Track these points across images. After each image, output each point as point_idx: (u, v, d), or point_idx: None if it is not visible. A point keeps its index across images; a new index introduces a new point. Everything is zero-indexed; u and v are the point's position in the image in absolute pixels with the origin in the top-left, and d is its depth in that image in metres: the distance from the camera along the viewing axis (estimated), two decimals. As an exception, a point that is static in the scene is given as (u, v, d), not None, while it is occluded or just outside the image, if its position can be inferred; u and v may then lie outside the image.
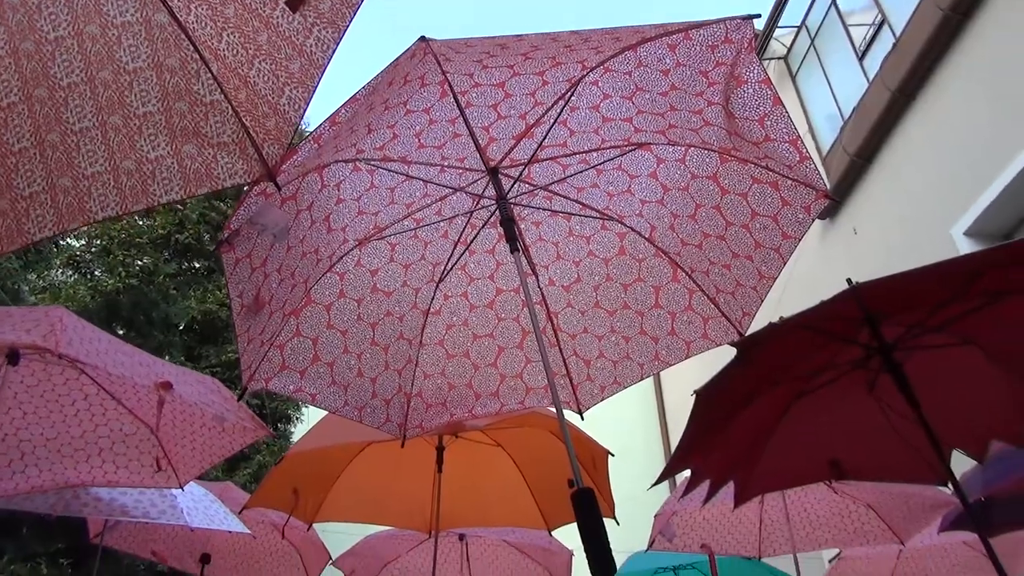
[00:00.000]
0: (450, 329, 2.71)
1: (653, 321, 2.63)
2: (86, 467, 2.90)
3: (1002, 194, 5.67)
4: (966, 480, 3.79)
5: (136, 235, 9.49)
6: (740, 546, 4.26)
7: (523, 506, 3.70)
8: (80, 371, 2.79)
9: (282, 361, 2.34)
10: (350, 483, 3.62)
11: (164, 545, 4.42)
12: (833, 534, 4.11)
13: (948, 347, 2.67)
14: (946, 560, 4.71)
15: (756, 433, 2.93)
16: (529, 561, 4.61)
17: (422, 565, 4.68)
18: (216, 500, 3.41)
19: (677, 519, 4.09)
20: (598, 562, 1.68)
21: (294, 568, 4.55)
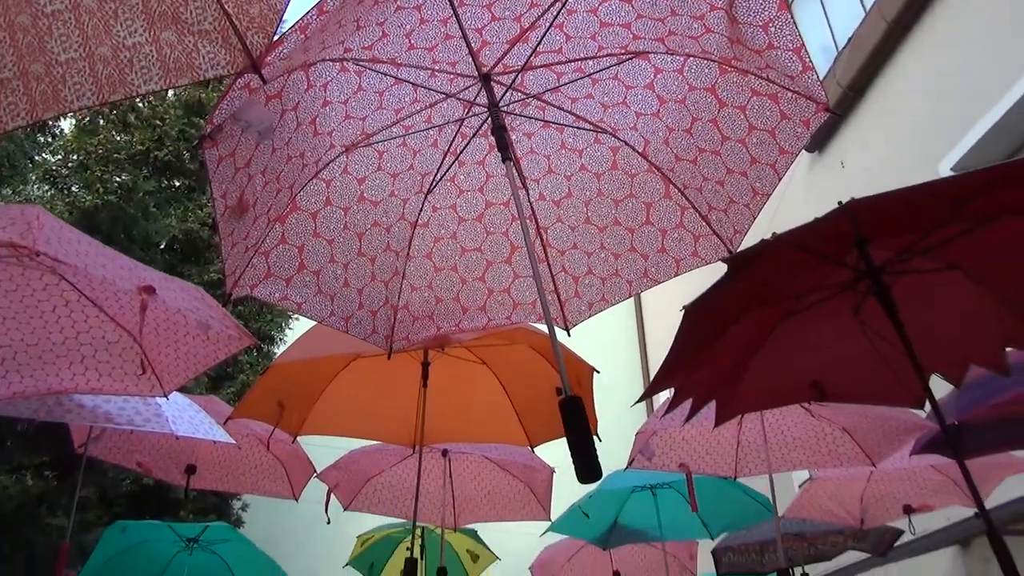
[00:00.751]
0: (438, 242, 2.68)
1: (643, 238, 2.61)
2: (68, 374, 2.87)
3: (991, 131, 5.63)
4: (941, 405, 3.88)
5: (114, 151, 9.24)
6: (717, 466, 4.37)
7: (506, 423, 3.74)
8: (60, 277, 2.74)
9: (267, 268, 2.30)
10: (335, 397, 3.64)
11: (149, 456, 4.45)
12: (808, 456, 4.22)
13: (934, 272, 2.68)
14: (914, 483, 4.88)
15: (740, 353, 2.95)
16: (511, 478, 4.71)
17: (405, 479, 4.77)
18: (201, 411, 3.42)
19: (657, 439, 4.17)
20: (585, 468, 1.70)
21: (279, 481, 4.62)
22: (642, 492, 4.99)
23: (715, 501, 4.79)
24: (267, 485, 4.66)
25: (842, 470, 4.66)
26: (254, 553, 5.32)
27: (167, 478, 4.53)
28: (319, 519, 10.79)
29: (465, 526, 4.99)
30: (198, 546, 5.29)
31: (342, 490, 4.63)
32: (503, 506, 4.77)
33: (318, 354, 3.22)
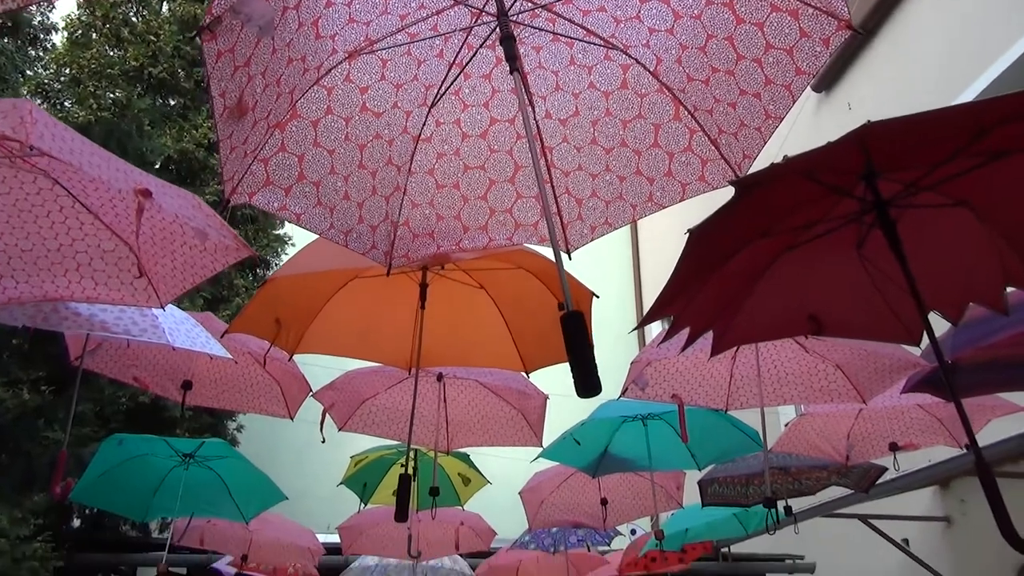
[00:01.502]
0: (441, 158, 2.62)
1: (650, 161, 2.56)
2: (64, 281, 2.85)
3: (1004, 74, 5.51)
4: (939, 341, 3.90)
5: (107, 66, 9.02)
6: (709, 399, 4.42)
7: (502, 348, 3.75)
8: (54, 181, 2.68)
9: (266, 176, 2.25)
10: (333, 317, 3.63)
11: (146, 371, 4.47)
12: (799, 391, 4.27)
13: (941, 207, 2.65)
14: (901, 421, 4.96)
15: (740, 284, 2.94)
16: (504, 404, 4.76)
17: (400, 403, 4.82)
18: (198, 324, 3.41)
19: (651, 369, 4.20)
20: (585, 382, 1.70)
21: (274, 400, 4.66)
22: (633, 422, 5.06)
23: (704, 433, 4.86)
24: (263, 404, 4.69)
25: (831, 407, 4.72)
26: (250, 470, 5.40)
27: (163, 393, 4.55)
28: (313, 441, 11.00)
29: (458, 450, 5.06)
30: (194, 461, 5.37)
31: (337, 411, 4.68)
32: (496, 431, 4.84)
33: (316, 269, 3.20)
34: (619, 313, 13.39)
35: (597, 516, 5.95)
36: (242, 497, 5.49)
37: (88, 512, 9.16)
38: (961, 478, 7.81)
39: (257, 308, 3.26)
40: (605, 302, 3.39)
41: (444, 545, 6.27)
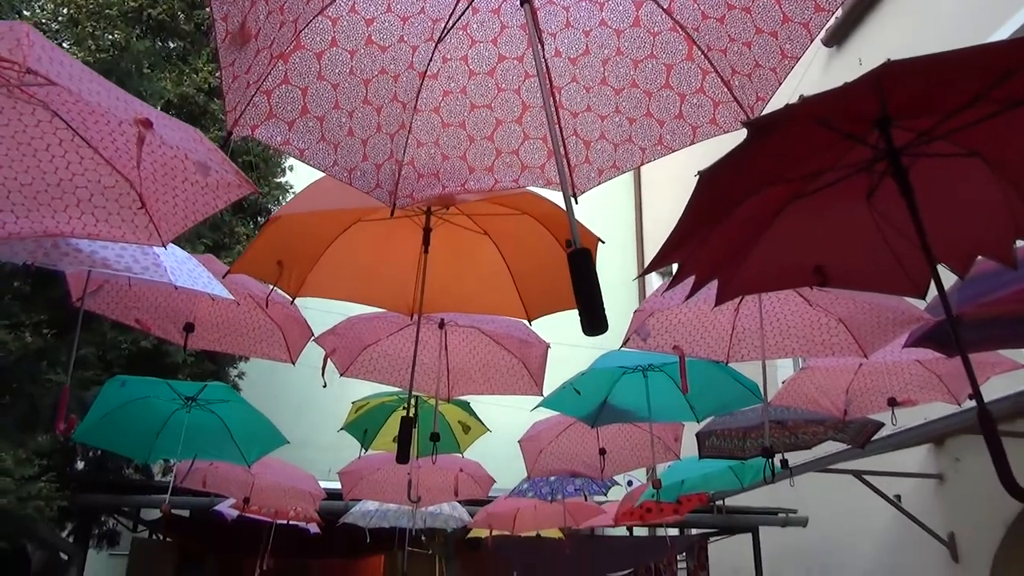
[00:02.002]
0: (447, 96, 2.57)
1: (661, 102, 2.50)
2: (64, 217, 2.82)
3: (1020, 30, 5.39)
4: (939, 300, 3.89)
5: (105, 6, 8.83)
6: (710, 350, 4.42)
7: (505, 295, 3.74)
8: (53, 114, 2.63)
9: (269, 109, 2.20)
10: (335, 260, 3.61)
11: (147, 314, 4.46)
12: (801, 344, 4.27)
13: (954, 157, 2.61)
14: (900, 377, 4.97)
15: (746, 232, 2.91)
16: (505, 353, 4.77)
17: (402, 350, 4.83)
18: (200, 265, 3.40)
19: (653, 320, 4.20)
20: (591, 320, 1.68)
21: (276, 344, 4.67)
22: (633, 374, 5.08)
23: (704, 385, 4.88)
24: (264, 348, 4.70)
25: (831, 361, 4.73)
26: (252, 414, 5.45)
27: (165, 336, 4.55)
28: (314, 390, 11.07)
29: (458, 398, 5.09)
30: (196, 405, 5.41)
31: (339, 356, 4.69)
32: (496, 380, 4.85)
33: (320, 207, 3.16)
34: (621, 263, 13.40)
35: (595, 466, 6.02)
36: (244, 441, 5.54)
37: (92, 455, 9.28)
38: (955, 437, 7.89)
39: (259, 249, 3.24)
40: (606, 252, 3.37)
41: (443, 491, 6.36)
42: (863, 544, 9.30)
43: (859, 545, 9.37)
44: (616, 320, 4.87)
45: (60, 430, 2.97)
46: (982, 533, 7.60)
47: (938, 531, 8.04)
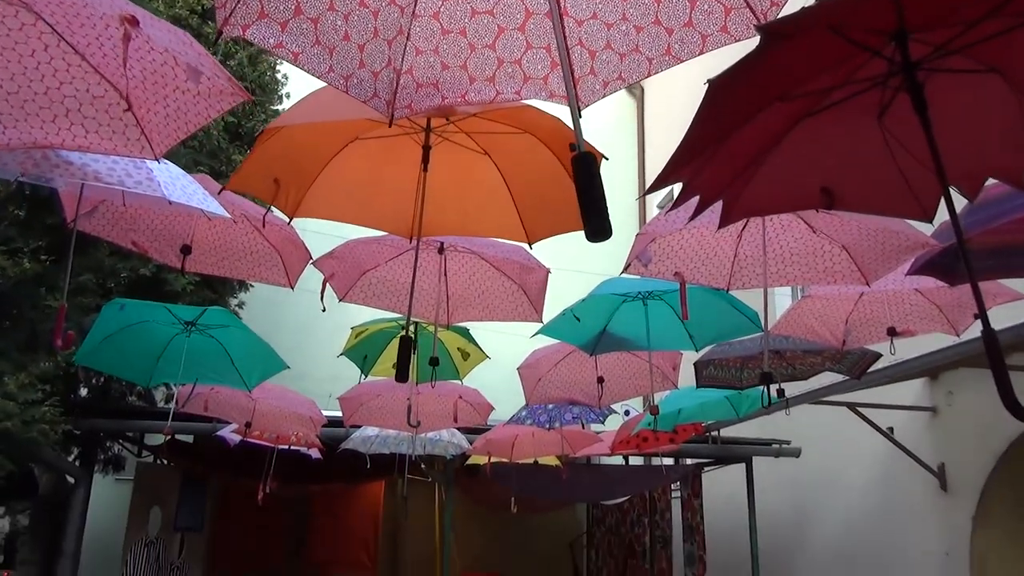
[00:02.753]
0: (447, 1, 2.46)
1: (670, 9, 2.40)
2: (53, 128, 2.74)
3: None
4: (948, 224, 3.84)
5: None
6: (711, 278, 4.40)
7: (505, 218, 3.69)
8: (36, 16, 2.53)
9: (260, 7, 2.11)
10: (333, 179, 3.54)
11: (144, 236, 4.41)
12: (803, 271, 4.24)
13: (971, 73, 2.52)
14: (900, 307, 4.96)
15: (753, 151, 2.84)
16: (505, 279, 4.75)
17: (401, 275, 4.80)
18: (194, 182, 3.34)
19: (655, 245, 4.15)
20: (596, 226, 1.64)
21: (274, 268, 4.63)
22: (633, 302, 5.06)
23: (704, 314, 4.87)
24: (263, 272, 4.67)
25: (831, 290, 4.71)
26: (252, 339, 5.46)
27: (162, 259, 4.52)
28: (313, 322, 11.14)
29: (457, 324, 5.09)
30: (196, 329, 5.41)
31: (337, 280, 4.66)
32: (496, 306, 4.84)
33: (316, 119, 3.08)
34: (622, 183, 13.31)
35: (593, 394, 6.07)
36: (244, 365, 5.57)
37: (95, 382, 9.38)
38: (950, 371, 7.95)
39: (256, 163, 3.17)
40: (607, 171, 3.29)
41: (442, 418, 6.44)
42: (854, 475, 9.49)
43: (850, 476, 9.56)
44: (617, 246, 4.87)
45: (58, 346, 2.96)
46: (972, 464, 7.73)
47: (929, 463, 8.18)
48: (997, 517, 7.67)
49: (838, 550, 9.70)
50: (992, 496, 7.62)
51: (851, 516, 9.51)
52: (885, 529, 8.92)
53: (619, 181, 13.16)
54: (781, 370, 6.14)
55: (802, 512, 10.52)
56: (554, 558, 14.08)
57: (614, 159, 3.41)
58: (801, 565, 10.42)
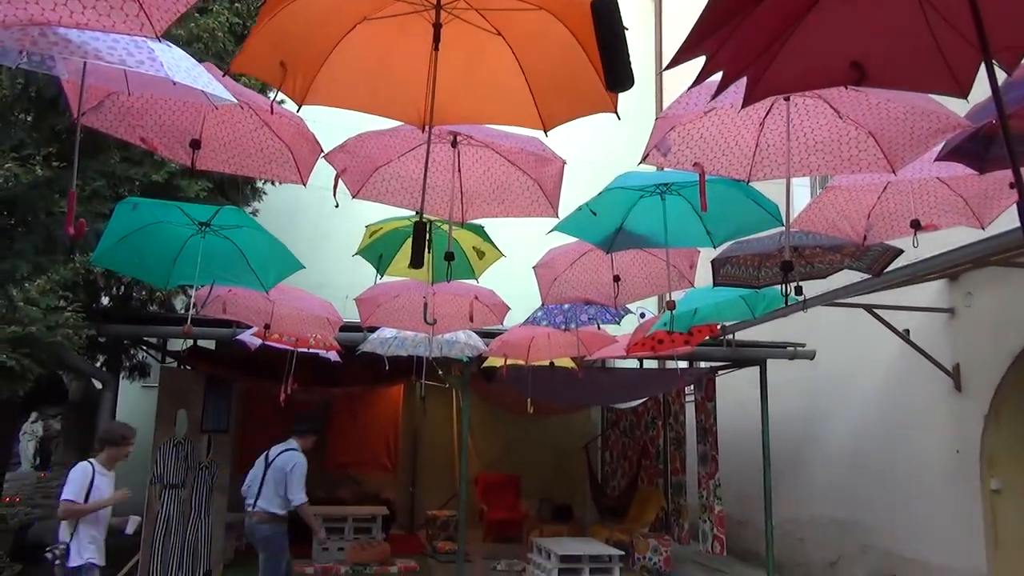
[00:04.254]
0: None
1: None
2: (49, 3, 2.64)
3: None
4: (979, 109, 3.69)
5: None
6: (731, 168, 4.27)
7: (520, 104, 3.56)
8: None
9: None
10: (341, 64, 3.43)
11: (152, 131, 4.33)
12: (827, 160, 4.11)
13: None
14: (924, 200, 4.84)
15: (780, 23, 2.70)
16: (520, 173, 4.65)
17: (414, 170, 4.71)
18: (198, 65, 3.22)
19: (674, 134, 4.03)
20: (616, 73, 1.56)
21: (286, 164, 4.55)
22: (651, 197, 4.96)
23: (722, 208, 4.77)
24: (275, 169, 4.59)
25: (855, 180, 4.59)
26: (268, 239, 5.43)
27: (171, 155, 4.45)
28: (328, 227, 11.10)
29: (472, 221, 5.03)
30: (210, 231, 5.39)
31: (350, 175, 4.58)
32: (511, 202, 4.77)
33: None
34: (638, 64, 12.96)
35: (608, 294, 6.06)
36: (260, 266, 5.58)
37: (116, 291, 9.50)
38: (969, 272, 7.87)
39: (260, 44, 3.06)
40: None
41: (458, 318, 6.47)
42: (867, 377, 9.56)
43: (863, 378, 9.63)
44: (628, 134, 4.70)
45: (70, 233, 2.94)
46: (987, 364, 7.75)
47: (944, 363, 8.20)
48: (1009, 415, 7.74)
49: (849, 449, 9.88)
50: (1006, 395, 7.66)
51: (863, 417, 9.65)
52: (896, 429, 9.05)
53: (635, 58, 12.83)
54: (800, 268, 6.07)
55: (814, 413, 10.68)
56: (569, 460, 14.51)
57: (629, 36, 3.23)
58: (812, 464, 10.66)
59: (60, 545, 5.45)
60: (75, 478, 5.54)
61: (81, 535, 5.48)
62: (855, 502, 9.55)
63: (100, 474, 5.64)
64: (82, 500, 5.47)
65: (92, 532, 5.56)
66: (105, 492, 5.64)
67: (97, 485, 5.59)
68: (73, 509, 5.45)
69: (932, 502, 8.26)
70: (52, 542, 5.43)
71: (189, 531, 8.84)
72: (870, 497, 9.27)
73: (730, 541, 10.88)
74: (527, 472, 14.11)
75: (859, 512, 9.48)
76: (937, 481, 8.22)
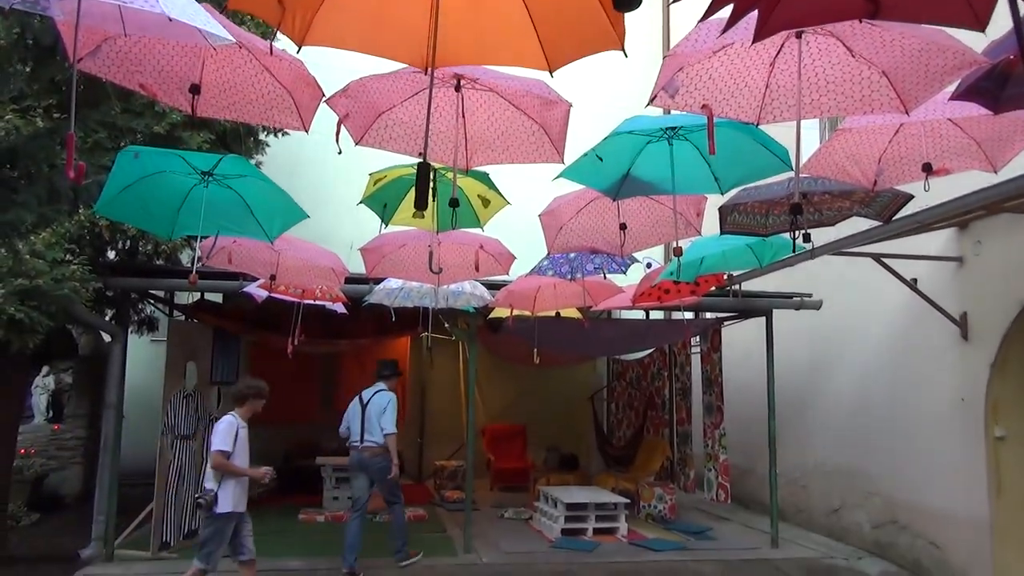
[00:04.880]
0: None
1: None
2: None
3: None
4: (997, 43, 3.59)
5: None
6: (741, 110, 4.19)
7: (524, 44, 3.48)
8: None
9: None
10: (341, 3, 3.35)
11: (152, 77, 4.27)
12: (838, 101, 4.02)
13: None
14: (936, 143, 4.76)
15: (794, -48, 2.62)
16: (525, 118, 4.57)
17: (418, 116, 4.63)
18: (195, 2, 3.15)
19: (683, 75, 3.94)
20: None
21: (287, 110, 4.49)
22: (658, 143, 4.88)
23: (731, 153, 4.69)
24: (276, 115, 4.53)
25: (867, 122, 4.51)
26: (271, 189, 5.39)
27: (171, 101, 4.38)
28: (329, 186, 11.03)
29: (477, 168, 4.98)
30: (213, 180, 5.35)
31: (352, 121, 4.52)
32: (516, 148, 4.70)
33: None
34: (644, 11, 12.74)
35: (615, 243, 6.01)
36: (264, 216, 5.54)
37: (122, 246, 9.50)
38: (980, 220, 7.78)
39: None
40: None
41: (464, 268, 6.46)
42: (874, 327, 9.55)
43: (870, 328, 9.62)
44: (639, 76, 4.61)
45: (70, 177, 2.91)
46: (995, 312, 7.72)
47: (951, 312, 8.17)
48: (1015, 364, 7.74)
49: (854, 398, 9.93)
50: (1013, 343, 7.65)
51: (868, 366, 9.66)
52: (901, 378, 9.07)
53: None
54: (808, 215, 6.01)
55: (820, 363, 10.71)
56: (575, 411, 14.65)
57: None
58: (816, 413, 10.72)
59: (208, 493, 5.96)
60: (223, 430, 6.11)
61: (227, 485, 6.01)
62: (859, 450, 9.63)
63: (241, 427, 6.23)
64: (231, 449, 6.03)
65: (236, 482, 6.08)
66: (246, 442, 6.25)
67: (240, 436, 6.17)
68: (225, 464, 6.00)
69: (936, 450, 8.33)
70: (69, 492, 5.57)
71: (202, 480, 9.00)
72: (874, 445, 9.34)
73: (734, 489, 11.03)
74: (534, 423, 14.27)
75: (863, 460, 9.57)
76: (941, 429, 8.27)
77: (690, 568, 8.47)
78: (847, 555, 9.16)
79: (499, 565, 8.28)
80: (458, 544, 8.95)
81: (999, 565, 7.47)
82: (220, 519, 5.98)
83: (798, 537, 10.03)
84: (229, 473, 6.01)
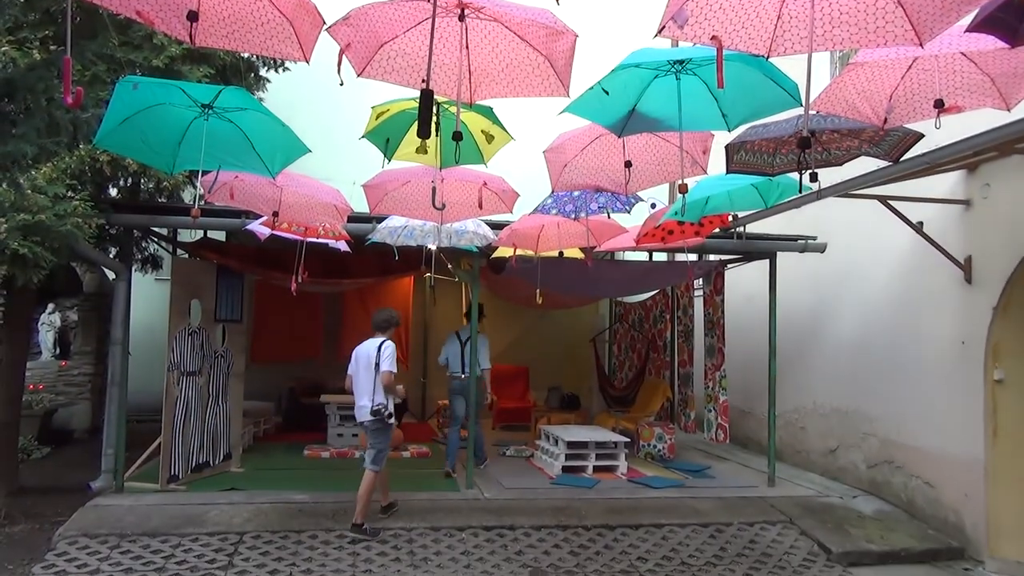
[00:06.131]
0: None
1: None
2: None
3: None
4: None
5: None
6: (751, 43, 4.08)
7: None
8: None
9: None
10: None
11: (148, 5, 4.17)
12: (851, 33, 3.91)
13: None
14: (951, 79, 4.66)
15: None
16: (530, 50, 4.47)
17: (421, 47, 4.53)
18: (191, -77, 3.06)
19: (692, 4, 3.84)
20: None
21: (287, 40, 4.40)
22: (665, 77, 4.79)
23: (740, 88, 4.61)
24: (276, 45, 4.43)
25: (879, 56, 4.41)
26: (272, 122, 5.32)
27: (168, 29, 4.27)
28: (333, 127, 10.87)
29: (481, 103, 4.90)
30: (214, 114, 5.27)
31: (354, 52, 4.42)
32: (521, 80, 4.60)
33: None
34: None
35: (620, 180, 5.96)
36: (266, 150, 5.48)
37: (124, 183, 9.44)
38: (989, 162, 7.69)
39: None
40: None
41: (467, 206, 6.41)
42: (878, 269, 9.53)
43: (874, 270, 9.61)
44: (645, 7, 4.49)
45: (68, 103, 2.88)
46: (1000, 256, 7.69)
47: (956, 255, 8.15)
48: (1018, 307, 7.75)
49: (855, 341, 9.98)
50: (1017, 286, 7.64)
51: (871, 308, 9.69)
52: (903, 321, 9.10)
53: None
54: (816, 155, 5.94)
55: (823, 306, 10.74)
56: (577, 353, 14.77)
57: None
58: (817, 355, 10.80)
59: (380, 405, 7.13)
60: (390, 355, 7.28)
61: (389, 401, 7.26)
62: (858, 392, 9.73)
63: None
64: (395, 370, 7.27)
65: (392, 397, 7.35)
66: None
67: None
68: (393, 385, 7.24)
69: (934, 392, 8.41)
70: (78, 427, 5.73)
71: (208, 416, 9.14)
72: (873, 388, 9.44)
73: (733, 430, 11.20)
74: (536, 364, 14.41)
75: (861, 402, 9.68)
76: (941, 372, 8.33)
77: (688, 504, 8.65)
78: (842, 494, 9.34)
79: (501, 500, 8.47)
80: (460, 480, 9.14)
81: (992, 504, 7.62)
82: (391, 427, 7.26)
83: (795, 476, 10.21)
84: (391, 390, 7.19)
